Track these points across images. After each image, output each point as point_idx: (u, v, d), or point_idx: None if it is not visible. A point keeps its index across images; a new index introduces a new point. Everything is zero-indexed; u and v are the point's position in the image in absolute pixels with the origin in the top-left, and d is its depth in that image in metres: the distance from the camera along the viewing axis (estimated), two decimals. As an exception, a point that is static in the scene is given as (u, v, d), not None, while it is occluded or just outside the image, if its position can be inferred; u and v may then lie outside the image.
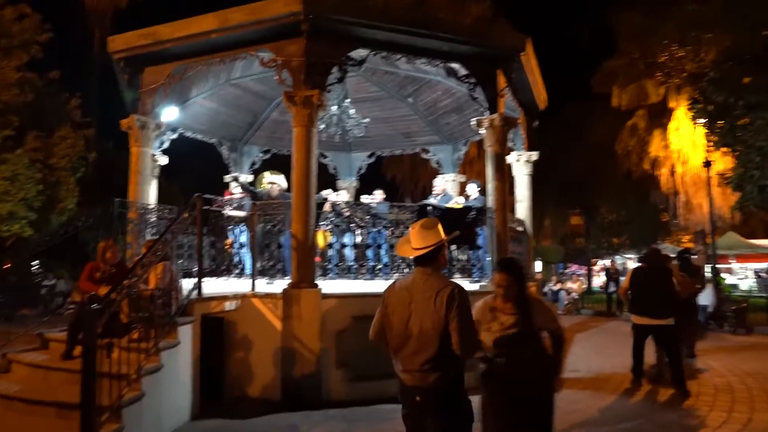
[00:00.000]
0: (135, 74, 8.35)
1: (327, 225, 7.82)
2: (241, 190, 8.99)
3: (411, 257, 3.22)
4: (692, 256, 9.86)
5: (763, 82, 10.08)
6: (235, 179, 11.33)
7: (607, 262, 25.37)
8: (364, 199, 9.13)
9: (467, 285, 8.10)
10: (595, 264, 30.14)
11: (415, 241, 3.20)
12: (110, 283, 5.13)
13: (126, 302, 4.96)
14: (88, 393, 3.97)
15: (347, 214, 7.95)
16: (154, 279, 5.42)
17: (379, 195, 10.15)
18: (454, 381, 3.13)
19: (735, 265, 29.65)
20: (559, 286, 19.00)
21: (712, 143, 12.32)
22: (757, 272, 28.17)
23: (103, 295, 4.57)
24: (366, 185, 12.23)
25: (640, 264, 7.80)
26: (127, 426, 4.47)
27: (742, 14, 10.15)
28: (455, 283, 3.13)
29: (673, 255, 9.94)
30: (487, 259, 8.03)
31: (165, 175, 21.80)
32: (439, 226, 3.25)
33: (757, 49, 10.22)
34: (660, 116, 20.09)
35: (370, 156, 13.50)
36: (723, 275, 25.59)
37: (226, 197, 8.37)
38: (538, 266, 30.49)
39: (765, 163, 10.24)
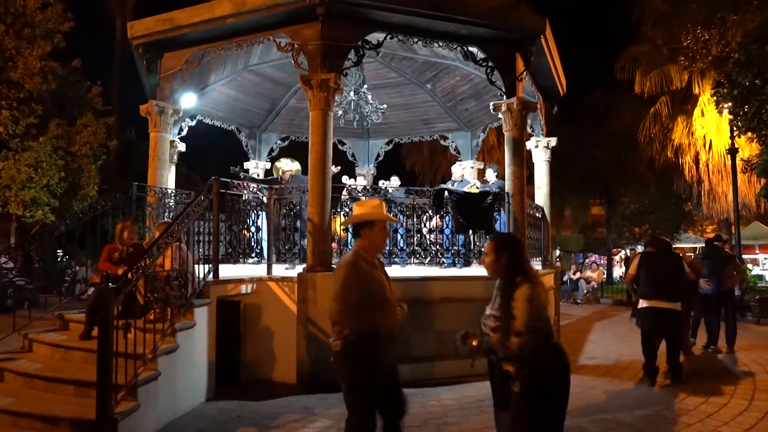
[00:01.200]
0: (154, 60, 8.40)
1: (344, 212, 7.81)
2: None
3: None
4: (722, 243, 9.40)
5: (792, 63, 9.79)
6: (244, 170, 11.39)
7: (627, 252, 25.00)
8: (381, 183, 9.10)
9: (483, 271, 8.08)
10: (616, 254, 29.76)
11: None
12: (128, 264, 5.20)
13: (142, 283, 5.01)
14: (104, 371, 4.03)
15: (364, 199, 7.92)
16: (170, 260, 5.46)
17: (395, 181, 10.14)
18: None
19: (760, 255, 29.11)
20: (578, 275, 18.79)
21: (737, 129, 12.02)
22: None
23: (120, 274, 4.62)
24: (385, 173, 12.20)
25: (647, 248, 7.55)
26: (144, 404, 4.54)
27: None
28: (343, 260, 3.53)
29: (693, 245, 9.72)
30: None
31: (185, 163, 22.17)
32: (375, 208, 3.61)
33: (787, 29, 9.91)
34: (683, 103, 19.62)
35: (388, 143, 13.47)
36: (748, 266, 25.16)
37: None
38: (558, 255, 30.24)
39: (791, 148, 9.99)
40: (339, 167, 8.53)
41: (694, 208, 22.90)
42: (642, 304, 6.76)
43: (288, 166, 9.31)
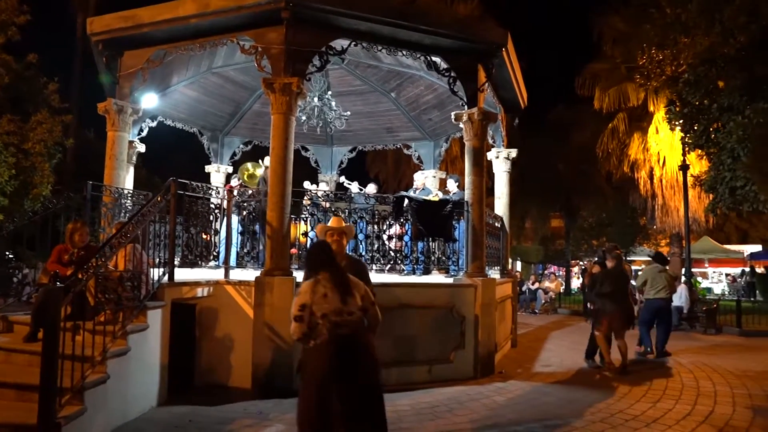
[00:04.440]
0: (114, 58, 8.23)
1: (305, 216, 7.78)
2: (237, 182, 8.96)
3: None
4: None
5: (735, 85, 10.28)
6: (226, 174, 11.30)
7: (584, 263, 25.61)
8: (350, 186, 9.12)
9: (443, 278, 8.18)
10: (574, 266, 30.43)
11: None
12: (78, 266, 5.05)
13: (93, 283, 4.88)
14: (48, 373, 3.90)
15: (326, 205, 7.92)
16: (123, 261, 5.34)
17: (372, 188, 10.18)
18: None
19: (709, 269, 30.22)
20: (537, 285, 19.13)
21: (687, 146, 12.52)
22: (729, 276, 28.77)
23: (69, 274, 4.49)
24: (349, 180, 12.21)
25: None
26: (91, 408, 4.42)
27: (717, 19, 10.34)
28: None
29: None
30: (463, 252, 8.06)
31: (146, 165, 21.65)
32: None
33: (731, 53, 10.42)
34: (640, 120, 20.37)
35: (352, 150, 13.51)
36: (698, 279, 26.09)
37: (227, 188, 8.25)
38: (518, 266, 30.72)
39: (736, 165, 10.45)
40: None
41: (648, 222, 23.64)
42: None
43: (259, 169, 9.20)
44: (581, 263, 28.92)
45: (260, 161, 9.40)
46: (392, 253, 7.95)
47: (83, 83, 21.58)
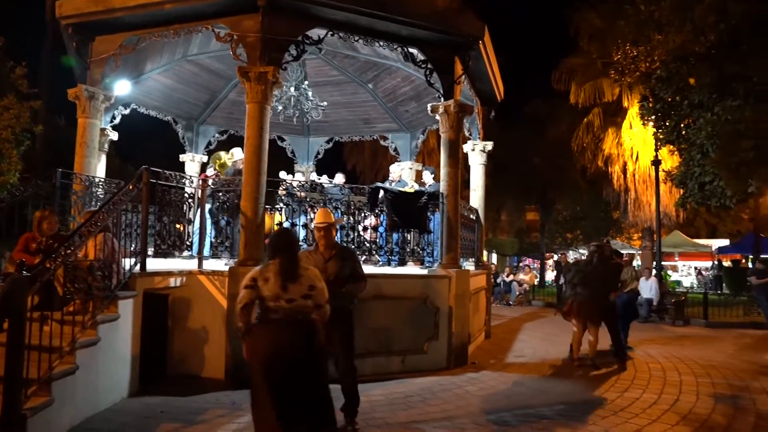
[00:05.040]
0: (84, 42, 8.05)
1: (280, 207, 7.73)
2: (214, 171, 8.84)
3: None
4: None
5: (705, 82, 10.50)
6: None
7: (557, 257, 25.98)
8: (319, 178, 9.05)
9: (418, 269, 8.22)
10: (549, 258, 30.82)
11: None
12: (46, 254, 4.96)
13: (62, 273, 4.79)
14: (13, 364, 3.82)
15: (302, 195, 7.88)
16: (94, 250, 5.26)
17: (340, 178, 10.15)
18: None
19: (679, 262, 30.89)
20: (511, 277, 19.34)
21: (659, 141, 12.75)
22: (698, 269, 29.45)
23: (36, 263, 4.41)
24: (326, 171, 12.19)
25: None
26: (59, 399, 4.36)
27: (689, 17, 10.53)
28: None
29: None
30: (438, 244, 8.11)
31: (119, 154, 21.22)
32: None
33: (701, 51, 10.63)
34: (614, 115, 20.62)
35: (328, 141, 13.47)
36: (668, 272, 26.66)
37: (202, 177, 8.15)
38: (494, 258, 31.03)
39: (705, 160, 10.69)
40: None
41: (621, 216, 24.02)
42: None
43: (240, 154, 9.08)
44: (556, 256, 29.31)
45: (228, 152, 9.31)
46: (367, 244, 7.96)
47: (54, 68, 21.03)
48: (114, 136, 9.49)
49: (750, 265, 21.38)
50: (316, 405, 3.79)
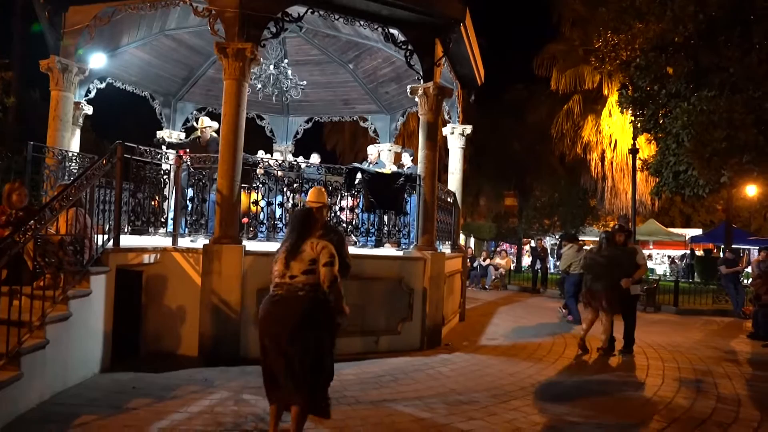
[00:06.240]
0: (57, 12, 7.88)
1: (257, 185, 7.68)
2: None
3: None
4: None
5: (682, 72, 10.65)
6: (162, 140, 10.97)
7: (534, 242, 26.26)
8: (296, 159, 8.98)
9: (394, 251, 8.27)
10: (526, 243, 31.11)
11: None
12: (15, 227, 4.88)
13: (32, 247, 4.73)
14: (-19, 336, 3.80)
15: (278, 174, 7.84)
16: (65, 225, 5.19)
17: (315, 158, 10.11)
18: None
19: (654, 250, 31.46)
20: (488, 261, 19.51)
21: (637, 130, 12.93)
22: (671, 258, 30.05)
23: (5, 236, 4.34)
24: (305, 151, 12.13)
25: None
26: (27, 373, 4.33)
27: (669, 6, 10.63)
28: None
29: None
30: (414, 226, 8.15)
31: (95, 129, 20.80)
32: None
33: (679, 41, 10.75)
34: (594, 102, 20.87)
35: (308, 121, 13.38)
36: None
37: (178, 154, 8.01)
38: (471, 242, 31.23)
39: (680, 150, 10.86)
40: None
41: (598, 203, 24.34)
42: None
43: (207, 122, 8.96)
44: (532, 242, 29.61)
45: (200, 120, 9.12)
46: (344, 225, 7.97)
47: (27, 38, 20.48)
48: (89, 110, 9.30)
49: (721, 254, 21.89)
50: (299, 381, 3.71)
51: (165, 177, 7.19)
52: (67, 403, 4.65)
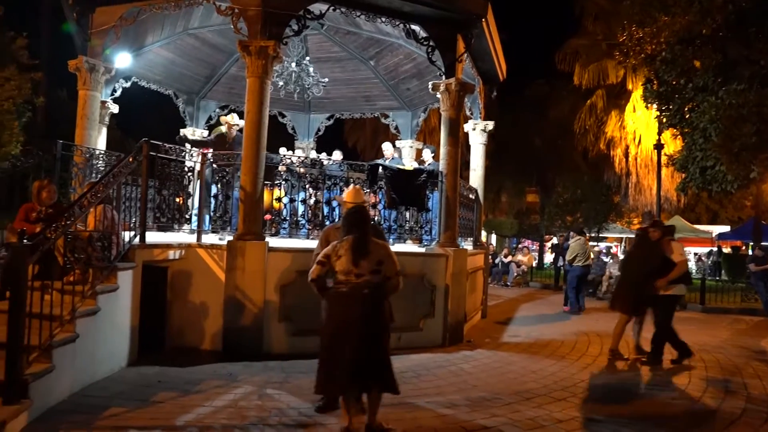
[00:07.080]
0: (85, 14, 8.03)
1: (280, 182, 7.74)
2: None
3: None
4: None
5: (710, 65, 10.42)
6: (184, 137, 11.09)
7: (556, 239, 25.99)
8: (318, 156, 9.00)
9: (416, 247, 8.26)
10: (548, 240, 30.84)
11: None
12: (46, 223, 5.00)
13: (62, 243, 4.84)
14: (14, 330, 3.89)
15: (300, 171, 7.89)
16: (93, 221, 5.30)
17: (337, 155, 10.15)
18: None
19: (679, 247, 30.83)
20: (509, 258, 19.40)
21: (662, 125, 12.70)
22: (698, 255, 29.49)
23: (37, 232, 4.45)
24: (326, 148, 12.17)
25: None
26: (59, 366, 4.43)
27: (695, -1, 10.42)
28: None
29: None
30: (436, 222, 8.14)
31: (120, 127, 21.12)
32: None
33: (707, 33, 10.52)
34: (618, 97, 20.58)
35: (329, 118, 13.41)
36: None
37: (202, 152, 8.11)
38: (493, 239, 31.06)
39: (707, 144, 10.64)
40: None
41: (621, 200, 24.00)
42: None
43: (236, 119, 9.04)
44: (555, 238, 29.34)
45: (227, 117, 9.18)
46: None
47: (55, 39, 20.91)
48: (115, 109, 9.45)
49: (750, 251, 21.42)
50: (377, 368, 4.04)
51: (189, 174, 7.28)
52: (97, 396, 4.76)
